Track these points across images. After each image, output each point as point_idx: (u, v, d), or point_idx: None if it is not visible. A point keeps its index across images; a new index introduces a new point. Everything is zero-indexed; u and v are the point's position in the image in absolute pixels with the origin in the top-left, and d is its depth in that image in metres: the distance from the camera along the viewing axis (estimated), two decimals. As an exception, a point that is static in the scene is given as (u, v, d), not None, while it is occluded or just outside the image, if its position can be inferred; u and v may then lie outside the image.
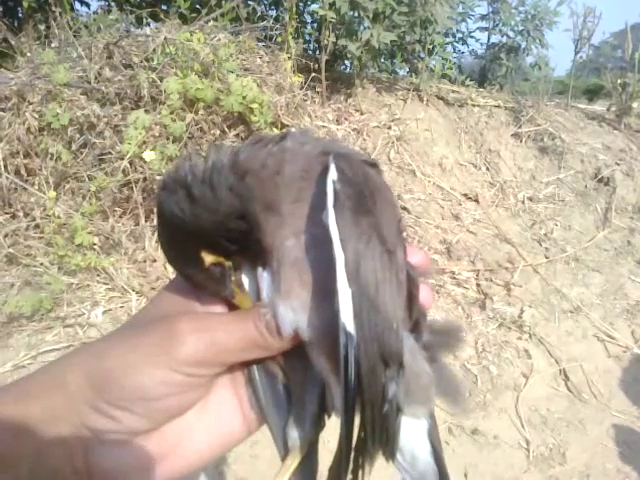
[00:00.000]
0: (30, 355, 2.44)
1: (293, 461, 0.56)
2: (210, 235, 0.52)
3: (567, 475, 2.51)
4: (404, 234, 0.56)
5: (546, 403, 2.83)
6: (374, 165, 0.57)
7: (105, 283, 2.79)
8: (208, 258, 0.53)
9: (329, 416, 0.59)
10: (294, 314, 0.51)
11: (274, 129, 3.22)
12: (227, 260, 0.54)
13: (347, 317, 0.47)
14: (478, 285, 3.39)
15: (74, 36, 3.51)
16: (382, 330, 0.48)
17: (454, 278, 3.39)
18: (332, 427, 0.52)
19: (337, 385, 0.50)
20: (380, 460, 0.53)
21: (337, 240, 0.47)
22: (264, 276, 0.54)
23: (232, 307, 0.57)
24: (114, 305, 2.70)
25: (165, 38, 3.25)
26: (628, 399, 2.91)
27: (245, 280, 0.57)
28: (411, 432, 0.58)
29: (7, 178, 2.92)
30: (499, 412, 2.75)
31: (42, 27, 3.93)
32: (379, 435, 0.51)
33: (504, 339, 3.11)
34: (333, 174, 0.49)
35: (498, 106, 4.71)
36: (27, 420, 0.47)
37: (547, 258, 3.70)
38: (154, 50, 3.26)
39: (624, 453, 2.60)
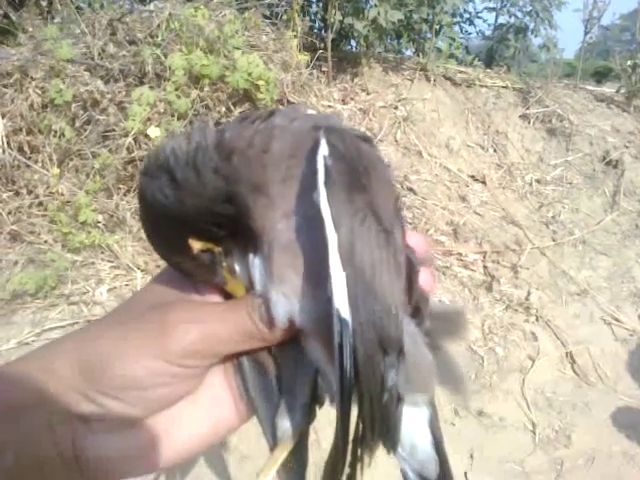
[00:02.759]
0: (34, 332, 2.43)
1: (282, 452, 0.54)
2: (196, 221, 0.50)
3: (573, 457, 2.51)
4: (402, 213, 0.53)
5: (552, 386, 2.83)
6: (368, 140, 0.53)
7: (110, 261, 2.77)
8: (196, 245, 0.51)
9: (320, 406, 0.57)
10: (287, 301, 0.49)
11: (280, 107, 3.18)
12: (217, 246, 0.52)
13: (341, 302, 0.44)
14: (485, 267, 3.37)
15: (77, 12, 3.46)
16: (380, 315, 0.45)
17: (461, 260, 3.37)
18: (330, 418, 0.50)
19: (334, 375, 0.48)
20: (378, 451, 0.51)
21: (329, 219, 0.44)
22: (255, 262, 0.51)
23: (226, 295, 0.54)
24: (119, 283, 2.69)
25: (170, 14, 3.19)
26: (634, 382, 2.90)
27: (238, 267, 0.54)
28: (411, 421, 0.55)
29: (10, 155, 2.89)
30: (505, 394, 2.75)
31: (44, 3, 3.86)
32: (379, 426, 0.48)
33: (511, 321, 3.09)
34: (324, 149, 0.46)
35: (506, 87, 4.65)
36: (13, 406, 0.46)
37: (554, 241, 3.67)
38: (158, 26, 3.20)
39: (630, 436, 2.60)
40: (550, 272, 3.45)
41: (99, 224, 2.82)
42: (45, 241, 2.75)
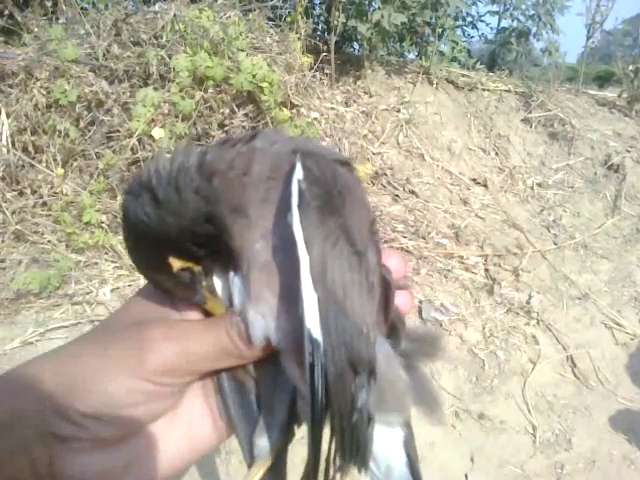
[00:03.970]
0: (38, 332, 2.43)
1: (259, 470, 0.55)
2: (177, 240, 0.51)
3: (573, 461, 2.51)
4: (378, 236, 0.54)
5: (553, 389, 2.83)
6: (346, 164, 0.55)
7: (113, 261, 2.78)
8: (176, 263, 0.52)
9: (299, 425, 0.57)
10: (264, 320, 0.50)
11: (283, 109, 3.19)
12: (197, 265, 0.53)
13: (313, 322, 0.45)
14: (486, 270, 3.38)
15: (81, 13, 3.47)
16: (351, 336, 0.46)
17: (462, 263, 3.38)
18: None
19: None
20: (354, 471, 0.51)
21: (301, 241, 0.45)
22: (235, 281, 0.53)
23: (206, 314, 0.55)
24: (122, 283, 2.69)
25: (174, 15, 3.20)
26: (635, 386, 2.90)
27: (218, 285, 0.55)
28: (385, 442, 0.56)
29: (15, 155, 2.90)
30: (506, 397, 2.75)
31: (49, 3, 3.87)
32: (349, 445, 0.49)
33: (512, 324, 3.09)
34: (299, 173, 0.47)
35: (508, 91, 4.67)
36: None
37: (556, 244, 3.68)
38: (163, 27, 3.21)
39: (630, 440, 2.60)
40: (551, 276, 3.45)
41: (103, 224, 2.83)
42: (49, 241, 2.76)
